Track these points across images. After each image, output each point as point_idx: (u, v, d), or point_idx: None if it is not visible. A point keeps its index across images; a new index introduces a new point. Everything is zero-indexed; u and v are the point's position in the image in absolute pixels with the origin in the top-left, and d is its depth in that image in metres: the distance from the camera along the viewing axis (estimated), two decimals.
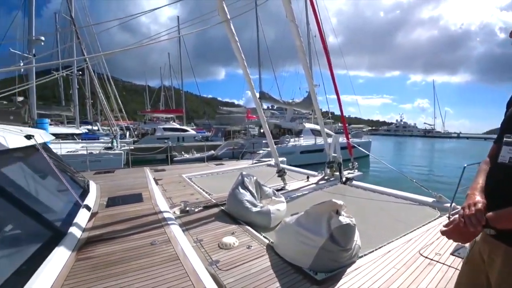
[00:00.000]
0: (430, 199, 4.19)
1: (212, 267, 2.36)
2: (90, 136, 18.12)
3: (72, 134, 17.22)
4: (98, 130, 23.41)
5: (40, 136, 3.29)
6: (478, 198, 1.09)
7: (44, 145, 3.48)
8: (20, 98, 11.14)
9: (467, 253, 1.28)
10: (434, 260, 2.44)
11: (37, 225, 2.32)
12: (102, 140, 16.69)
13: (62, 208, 3.01)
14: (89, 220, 3.07)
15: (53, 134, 4.85)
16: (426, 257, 2.51)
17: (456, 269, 2.22)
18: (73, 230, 2.61)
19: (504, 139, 1.11)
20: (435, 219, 3.48)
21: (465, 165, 3.46)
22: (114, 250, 2.41)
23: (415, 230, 3.17)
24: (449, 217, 3.41)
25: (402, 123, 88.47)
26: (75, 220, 2.82)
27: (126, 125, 22.31)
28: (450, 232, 1.10)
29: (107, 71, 19.29)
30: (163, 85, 46.14)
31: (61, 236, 2.42)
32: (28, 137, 2.90)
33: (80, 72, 21.40)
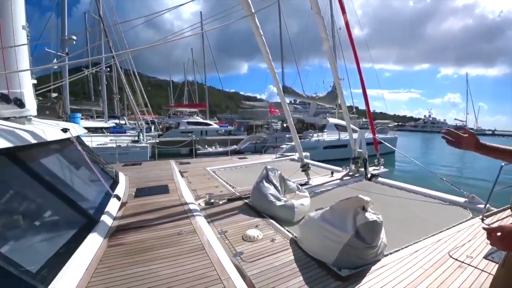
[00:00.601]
0: (461, 199, 3.97)
1: (236, 258, 2.40)
2: (117, 130, 18.89)
3: (101, 128, 18.03)
4: (125, 124, 24.33)
5: (74, 129, 3.48)
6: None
7: (78, 138, 3.67)
8: (54, 94, 11.77)
9: (504, 255, 1.19)
10: (465, 263, 2.32)
11: (72, 212, 2.47)
12: (128, 134, 17.36)
13: (95, 197, 3.18)
14: (119, 209, 3.22)
15: (84, 128, 5.11)
16: (457, 259, 2.38)
17: (489, 273, 2.09)
18: (104, 218, 2.76)
19: None
20: (467, 220, 3.30)
21: (503, 164, 3.21)
22: (143, 238, 2.52)
23: (444, 230, 3.02)
24: (482, 219, 3.23)
25: (431, 118, 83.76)
26: (107, 209, 2.97)
27: (151, 119, 22.99)
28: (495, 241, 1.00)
29: (133, 67, 19.89)
30: (187, 80, 47.00)
31: (94, 223, 2.56)
32: (64, 130, 3.08)
33: (108, 69, 22.32)
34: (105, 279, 1.89)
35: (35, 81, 3.49)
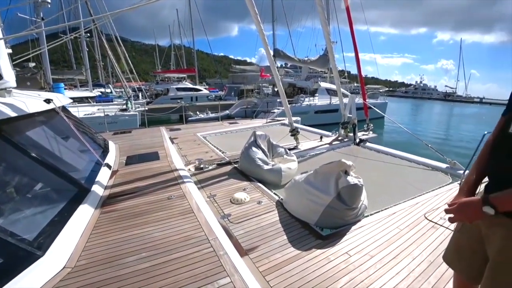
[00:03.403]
0: (443, 165, 4.15)
1: (224, 220, 2.55)
2: (104, 99, 18.35)
3: (87, 97, 17.50)
4: (111, 92, 23.62)
5: (58, 99, 3.41)
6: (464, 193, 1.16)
7: (63, 108, 3.61)
8: (33, 64, 11.20)
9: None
10: (438, 224, 2.51)
11: (64, 183, 2.52)
12: (116, 102, 16.94)
13: (85, 167, 3.22)
14: (110, 178, 3.29)
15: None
16: (431, 221, 2.57)
17: None
18: (96, 186, 2.83)
19: None
20: (446, 185, 3.49)
21: (485, 132, 3.32)
22: (134, 204, 2.62)
23: (424, 194, 3.21)
24: (460, 184, 3.40)
25: (422, 85, 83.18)
26: (98, 178, 3.03)
27: (138, 86, 22.37)
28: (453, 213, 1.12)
29: (115, 31, 18.86)
30: (173, 44, 44.97)
31: (86, 192, 2.64)
32: (47, 101, 3.02)
33: (88, 34, 21.07)
34: (100, 243, 2.00)
35: (10, 50, 3.33)
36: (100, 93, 21.13)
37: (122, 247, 1.94)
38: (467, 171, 3.50)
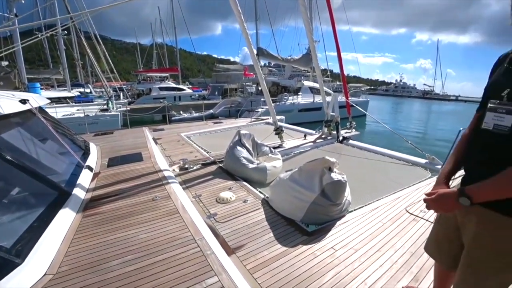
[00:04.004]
0: (423, 160, 4.32)
1: (210, 219, 2.54)
2: (83, 99, 17.80)
3: (65, 98, 16.90)
4: (91, 92, 22.93)
5: (35, 100, 3.28)
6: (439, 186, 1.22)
7: (40, 109, 3.48)
8: (5, 63, 10.70)
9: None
10: (419, 217, 2.62)
11: (42, 187, 2.42)
12: (96, 102, 16.47)
13: (65, 170, 3.11)
14: (92, 180, 3.20)
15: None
16: (412, 214, 2.68)
17: None
18: (77, 190, 2.75)
19: (489, 105, 1.09)
20: (425, 179, 3.63)
21: (461, 128, 3.49)
22: (118, 206, 2.57)
23: (405, 188, 3.32)
24: None
25: (402, 83, 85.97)
26: (79, 181, 2.94)
27: (119, 86, 21.83)
28: (430, 204, 1.18)
29: (94, 29, 18.29)
30: (155, 43, 44.12)
31: (67, 195, 2.55)
32: (23, 101, 2.90)
33: (66, 32, 20.34)
34: (83, 247, 1.95)
35: None
36: (79, 93, 20.47)
37: (106, 251, 1.90)
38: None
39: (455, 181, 1.26)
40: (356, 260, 2.01)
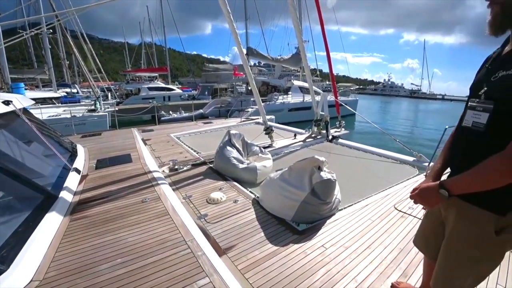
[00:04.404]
0: (411, 158, 4.41)
1: (200, 220, 2.53)
2: (70, 100, 17.42)
3: (51, 98, 16.50)
4: (78, 92, 22.47)
5: (19, 101, 3.20)
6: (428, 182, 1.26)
7: (25, 110, 3.39)
8: None
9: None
10: (407, 214, 2.68)
11: (28, 190, 2.36)
12: (83, 103, 16.15)
13: (51, 172, 3.04)
14: (79, 183, 3.14)
15: (31, 99, 4.64)
16: (400, 211, 2.74)
17: None
18: (64, 193, 2.69)
19: (469, 103, 1.14)
20: (413, 177, 3.71)
21: (447, 127, 3.58)
22: (106, 209, 2.53)
23: (393, 186, 3.39)
24: (426, 175, 3.63)
25: (390, 83, 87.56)
26: (66, 184, 2.88)
27: (107, 86, 21.46)
28: (415, 198, 1.22)
29: (81, 28, 17.91)
30: (144, 42, 43.53)
31: (54, 199, 2.49)
32: (6, 102, 2.83)
33: (51, 30, 19.85)
34: (71, 252, 1.91)
35: None
36: (65, 94, 20.03)
37: (95, 255, 1.87)
38: (431, 163, 3.75)
39: (444, 178, 1.30)
40: (346, 257, 2.04)
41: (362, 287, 1.76)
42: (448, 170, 1.30)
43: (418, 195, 1.19)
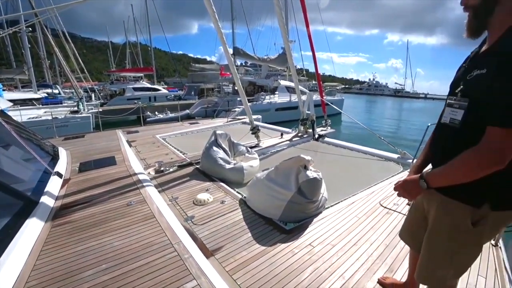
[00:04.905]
0: (395, 155, 4.52)
1: (187, 222, 2.51)
2: (51, 101, 16.91)
3: (31, 99, 15.95)
4: (59, 93, 21.81)
5: None
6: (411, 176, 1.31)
7: (2, 112, 3.27)
8: None
9: (413, 201, 1.50)
10: (392, 210, 2.74)
11: (6, 196, 2.27)
12: (65, 104, 15.70)
13: (31, 177, 2.93)
14: (61, 187, 3.05)
15: (9, 101, 4.47)
16: (385, 207, 2.80)
17: None
18: (45, 198, 2.60)
19: (447, 101, 1.20)
20: (397, 174, 3.79)
21: (429, 124, 3.68)
22: (90, 213, 2.46)
23: (378, 183, 3.45)
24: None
25: (375, 82, 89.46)
26: (47, 189, 2.78)
27: (90, 86, 20.94)
28: (398, 190, 1.27)
29: (62, 26, 17.38)
30: (128, 41, 42.67)
31: (34, 205, 2.41)
32: None
33: (30, 29, 19.19)
34: (53, 259, 1.84)
35: None
36: (46, 95, 19.39)
37: (78, 261, 1.82)
38: (415, 160, 3.84)
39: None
40: (333, 255, 2.07)
41: (350, 284, 1.79)
42: (430, 166, 1.35)
43: (401, 186, 1.25)
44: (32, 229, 2.11)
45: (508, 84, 0.91)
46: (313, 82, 28.33)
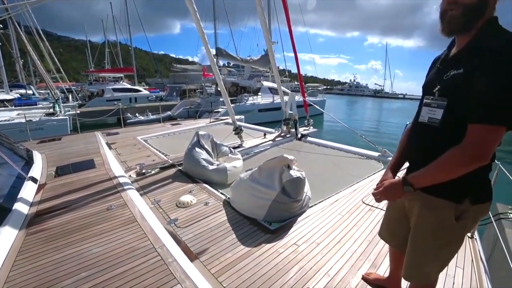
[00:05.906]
0: (376, 154, 4.63)
1: (171, 225, 2.46)
2: (25, 102, 16.19)
3: (2, 101, 15.20)
4: (34, 94, 20.92)
5: None
6: (387, 176, 1.38)
7: None
8: None
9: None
10: (374, 207, 2.81)
11: None
12: (41, 106, 15.06)
13: (3, 183, 2.79)
14: (36, 193, 2.91)
15: None
16: (368, 204, 2.87)
17: None
18: (19, 204, 2.48)
19: (424, 100, 1.23)
20: (379, 171, 3.88)
21: (407, 123, 3.80)
22: (68, 219, 2.37)
23: (360, 181, 3.53)
24: None
25: (355, 83, 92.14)
26: (21, 195, 2.66)
27: (67, 87, 20.21)
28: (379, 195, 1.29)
29: (36, 23, 16.66)
30: (107, 40, 41.45)
31: (6, 212, 2.30)
32: None
33: (1, 25, 18.28)
34: (28, 269, 1.76)
35: None
36: (19, 95, 18.54)
37: (56, 270, 1.74)
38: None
39: (402, 172, 1.38)
40: (318, 253, 2.09)
41: (335, 281, 1.81)
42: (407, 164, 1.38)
43: (382, 193, 1.26)
44: (5, 238, 2.00)
45: (487, 81, 0.94)
46: (296, 82, 28.61)
